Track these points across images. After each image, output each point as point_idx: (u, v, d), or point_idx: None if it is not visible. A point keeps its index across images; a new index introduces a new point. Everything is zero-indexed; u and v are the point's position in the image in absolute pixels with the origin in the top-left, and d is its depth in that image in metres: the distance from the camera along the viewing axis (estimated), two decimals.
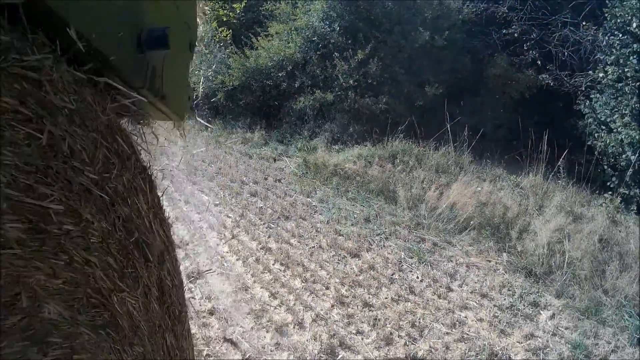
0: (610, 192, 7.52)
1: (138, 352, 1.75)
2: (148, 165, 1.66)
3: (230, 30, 13.92)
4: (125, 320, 1.68)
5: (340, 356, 4.10)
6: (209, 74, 12.65)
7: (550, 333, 4.71)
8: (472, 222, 6.54)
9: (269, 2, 12.85)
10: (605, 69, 8.45)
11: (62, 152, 1.29)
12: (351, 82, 10.34)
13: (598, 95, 8.80)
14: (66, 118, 1.29)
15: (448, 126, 8.73)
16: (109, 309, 1.57)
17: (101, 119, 1.38)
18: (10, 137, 1.12)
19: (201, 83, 12.29)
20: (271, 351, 4.15)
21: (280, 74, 11.20)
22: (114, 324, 1.62)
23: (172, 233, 1.88)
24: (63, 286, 1.38)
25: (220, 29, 14.10)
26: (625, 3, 8.23)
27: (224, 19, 14.43)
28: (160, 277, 1.89)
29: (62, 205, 1.35)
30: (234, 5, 14.40)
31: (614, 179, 7.82)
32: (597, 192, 7.78)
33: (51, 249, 1.34)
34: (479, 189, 7.20)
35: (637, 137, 7.56)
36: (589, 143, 8.47)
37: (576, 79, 10.52)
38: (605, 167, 8.17)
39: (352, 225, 6.52)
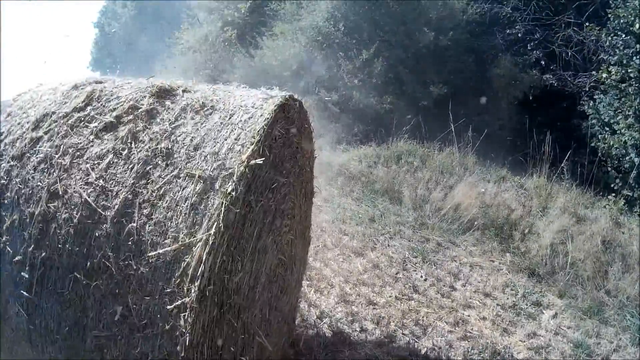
0: (613, 194, 7.52)
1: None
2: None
3: (235, 30, 13.99)
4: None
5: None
6: (214, 73, 12.73)
7: (553, 332, 4.75)
8: (476, 223, 6.59)
9: (273, 2, 12.91)
10: (609, 69, 8.45)
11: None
12: (356, 81, 10.40)
13: (602, 96, 8.80)
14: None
15: (452, 126, 8.76)
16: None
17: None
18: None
19: None
20: None
21: (285, 74, 11.26)
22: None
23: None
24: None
25: (225, 29, 14.19)
26: (628, 4, 8.24)
27: (229, 19, 14.51)
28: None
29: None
30: (239, 5, 14.48)
31: (617, 180, 7.81)
32: (601, 193, 7.79)
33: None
34: (483, 190, 7.25)
35: None
36: (593, 144, 8.48)
37: (580, 79, 10.56)
38: (609, 168, 8.17)
39: (356, 225, 6.58)
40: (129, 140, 2.33)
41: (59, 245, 2.19)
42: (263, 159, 2.31)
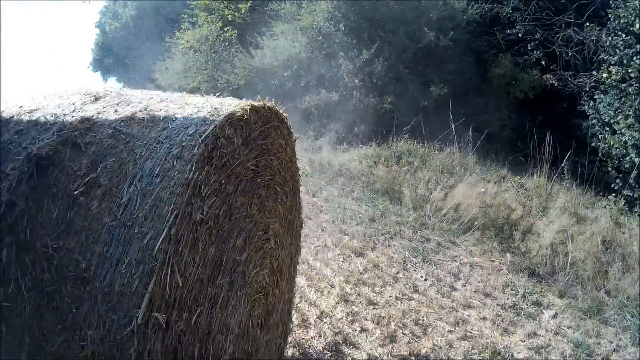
0: (614, 194, 7.51)
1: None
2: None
3: (236, 30, 14.00)
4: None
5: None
6: (215, 73, 12.73)
7: (553, 332, 4.75)
8: (476, 223, 6.60)
9: (274, 2, 12.91)
10: (609, 69, 8.45)
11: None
12: (356, 81, 10.40)
13: (602, 96, 8.80)
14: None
15: (453, 127, 8.78)
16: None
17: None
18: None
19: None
20: None
21: (285, 74, 11.26)
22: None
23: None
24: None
25: (225, 29, 14.20)
26: (628, 4, 8.25)
27: (229, 19, 14.52)
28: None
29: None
30: (239, 5, 14.48)
31: (617, 180, 7.81)
32: (601, 193, 7.78)
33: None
34: (484, 190, 7.26)
35: None
36: (593, 144, 8.48)
37: (580, 79, 10.56)
38: (609, 168, 8.18)
39: (357, 224, 6.59)
40: (12, 268, 1.99)
41: None
42: (164, 316, 1.88)
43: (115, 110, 2.35)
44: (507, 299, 5.24)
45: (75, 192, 1.99)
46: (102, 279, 1.85)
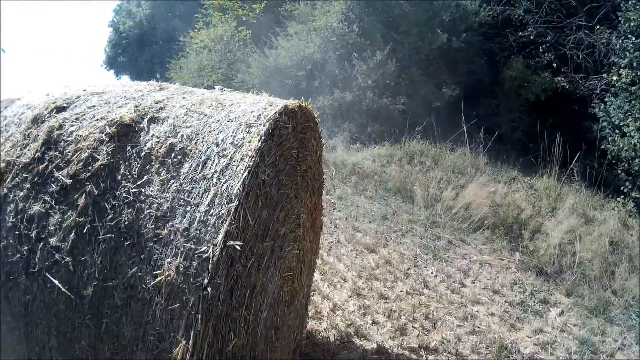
0: (622, 196, 7.57)
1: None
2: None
3: (250, 30, 14.15)
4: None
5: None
6: (229, 72, 12.88)
7: (559, 329, 4.86)
8: (486, 222, 6.72)
9: (288, 3, 13.03)
10: (620, 72, 8.49)
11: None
12: (369, 82, 10.50)
13: (612, 98, 8.84)
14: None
15: (464, 127, 8.89)
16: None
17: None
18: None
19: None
20: None
21: (299, 74, 11.39)
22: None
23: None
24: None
25: (239, 28, 14.36)
26: (638, 6, 8.28)
27: (244, 19, 14.68)
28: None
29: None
30: (254, 5, 14.64)
31: (627, 183, 7.86)
32: (610, 195, 7.85)
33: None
34: (494, 189, 7.37)
35: None
36: (603, 147, 8.53)
37: (591, 82, 10.62)
38: (619, 171, 8.23)
39: (369, 222, 6.74)
40: (89, 212, 2.17)
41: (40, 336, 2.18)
42: (241, 242, 2.10)
43: (184, 97, 2.63)
44: (515, 296, 5.36)
45: (158, 151, 2.24)
46: (182, 218, 2.10)
